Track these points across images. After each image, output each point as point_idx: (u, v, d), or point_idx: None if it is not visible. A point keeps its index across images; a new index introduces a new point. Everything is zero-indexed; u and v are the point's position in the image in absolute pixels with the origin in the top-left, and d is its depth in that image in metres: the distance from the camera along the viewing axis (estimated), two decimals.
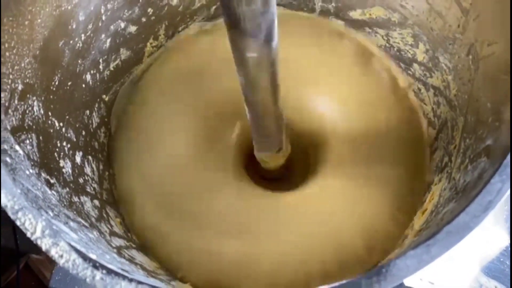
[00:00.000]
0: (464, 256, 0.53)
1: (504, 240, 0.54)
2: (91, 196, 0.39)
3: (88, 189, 0.40)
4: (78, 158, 0.40)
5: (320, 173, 0.48)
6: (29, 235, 0.24)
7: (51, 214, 0.28)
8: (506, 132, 0.27)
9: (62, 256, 0.23)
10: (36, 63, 0.33)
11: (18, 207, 0.24)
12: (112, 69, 0.46)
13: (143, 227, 0.45)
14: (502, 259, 0.53)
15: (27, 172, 0.29)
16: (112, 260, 0.28)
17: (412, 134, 0.47)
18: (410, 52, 0.46)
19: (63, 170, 0.36)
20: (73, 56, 0.39)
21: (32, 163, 0.31)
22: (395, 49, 0.48)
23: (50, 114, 0.36)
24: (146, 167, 0.48)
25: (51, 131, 0.36)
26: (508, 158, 0.24)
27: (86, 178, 0.41)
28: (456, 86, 0.39)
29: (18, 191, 0.25)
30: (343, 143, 0.48)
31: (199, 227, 0.44)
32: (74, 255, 0.23)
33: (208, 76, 0.51)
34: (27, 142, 0.31)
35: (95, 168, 0.43)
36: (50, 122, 0.36)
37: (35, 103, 0.34)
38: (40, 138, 0.33)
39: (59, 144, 0.37)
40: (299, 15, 0.53)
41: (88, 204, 0.38)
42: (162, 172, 0.47)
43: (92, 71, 0.43)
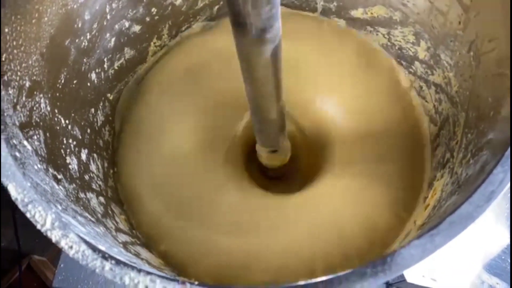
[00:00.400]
0: (466, 253, 0.53)
1: (505, 238, 0.54)
2: (96, 193, 0.40)
3: (93, 186, 0.40)
4: (84, 155, 0.40)
5: (323, 172, 0.48)
6: (39, 227, 0.24)
7: (59, 208, 0.28)
8: (507, 125, 0.27)
9: (72, 247, 0.23)
10: (43, 61, 0.34)
11: (28, 200, 0.25)
12: (116, 68, 0.47)
13: (147, 225, 0.46)
14: (503, 257, 0.53)
15: (35, 167, 0.29)
16: (119, 254, 0.29)
17: (414, 132, 0.47)
18: (411, 50, 0.47)
19: (70, 166, 0.37)
20: (78, 54, 0.39)
21: (40, 159, 0.31)
22: (396, 47, 0.49)
23: (56, 111, 0.36)
24: (150, 166, 0.48)
25: (58, 128, 0.36)
26: (509, 149, 0.24)
27: (92, 175, 0.41)
28: (458, 82, 0.39)
29: (28, 184, 0.25)
30: (345, 142, 0.48)
31: (203, 225, 0.45)
32: (84, 246, 0.23)
33: (211, 75, 0.51)
34: (35, 138, 0.32)
35: (100, 166, 0.44)
36: (56, 119, 0.36)
37: (42, 100, 0.34)
38: (47, 134, 0.34)
39: (65, 141, 0.37)
40: (301, 14, 0.54)
41: (94, 201, 0.38)
42: (166, 171, 0.48)
43: (97, 70, 0.43)
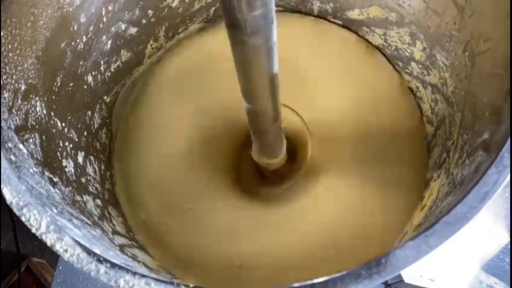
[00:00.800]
0: (464, 253, 0.53)
1: (503, 238, 0.54)
2: (93, 196, 0.40)
3: (90, 188, 0.40)
4: (80, 158, 0.40)
5: (320, 173, 0.48)
6: (34, 231, 0.24)
7: (55, 211, 0.28)
8: (502, 125, 0.27)
9: (67, 250, 0.23)
10: (39, 64, 0.34)
11: (23, 203, 0.25)
12: (113, 70, 0.47)
13: (144, 227, 0.46)
14: (501, 257, 0.53)
15: (31, 171, 0.29)
16: (115, 257, 0.29)
17: (411, 132, 0.48)
18: (407, 51, 0.47)
19: (66, 169, 0.37)
20: (74, 57, 0.39)
21: (36, 162, 0.31)
22: (392, 48, 0.49)
23: (52, 114, 0.36)
24: (147, 168, 0.48)
25: (54, 131, 0.36)
26: (503, 150, 0.24)
27: (88, 178, 0.41)
28: (453, 83, 0.39)
29: (23, 188, 0.25)
30: (342, 142, 0.48)
31: (199, 228, 0.45)
32: (79, 250, 0.23)
33: (207, 77, 0.51)
34: (31, 141, 0.32)
35: (97, 168, 0.44)
36: (52, 122, 0.36)
37: (38, 103, 0.34)
38: (43, 137, 0.34)
39: (61, 144, 0.37)
40: (297, 16, 0.54)
41: (90, 203, 0.38)
42: (163, 173, 0.48)
43: (93, 72, 0.43)
